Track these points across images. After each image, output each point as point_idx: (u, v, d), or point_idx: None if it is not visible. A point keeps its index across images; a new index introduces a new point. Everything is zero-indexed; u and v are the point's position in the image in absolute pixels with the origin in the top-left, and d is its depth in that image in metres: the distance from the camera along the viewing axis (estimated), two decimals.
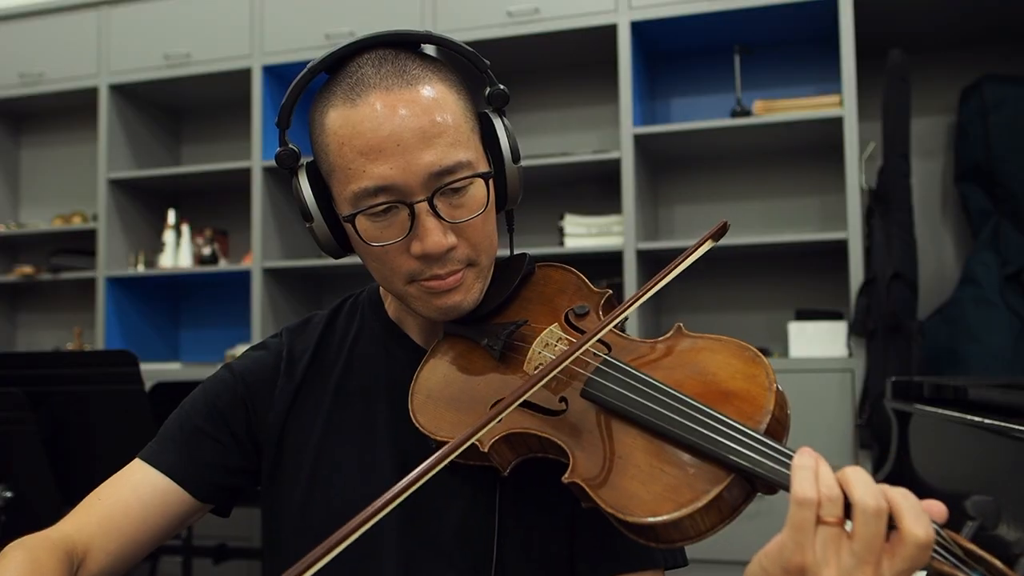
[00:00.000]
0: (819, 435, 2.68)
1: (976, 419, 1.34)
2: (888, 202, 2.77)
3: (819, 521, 0.63)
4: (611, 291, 0.95)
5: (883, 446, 2.50)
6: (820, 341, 2.87)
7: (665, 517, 0.70)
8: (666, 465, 0.74)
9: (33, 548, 0.85)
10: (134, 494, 0.94)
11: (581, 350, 0.81)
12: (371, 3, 3.35)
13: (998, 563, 0.62)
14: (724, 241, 3.29)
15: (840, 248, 2.87)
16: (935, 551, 0.63)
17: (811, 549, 0.63)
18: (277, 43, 3.46)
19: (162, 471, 0.96)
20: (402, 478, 0.87)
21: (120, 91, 3.73)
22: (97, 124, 3.71)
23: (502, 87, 0.95)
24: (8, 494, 1.89)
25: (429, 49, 0.94)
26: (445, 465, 0.73)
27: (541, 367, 0.84)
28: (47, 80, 3.79)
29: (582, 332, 0.90)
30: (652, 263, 3.15)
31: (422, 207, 0.86)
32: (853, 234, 2.79)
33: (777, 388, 0.75)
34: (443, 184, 0.86)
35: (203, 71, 3.57)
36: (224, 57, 3.54)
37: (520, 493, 0.91)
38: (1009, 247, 2.87)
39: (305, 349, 1.03)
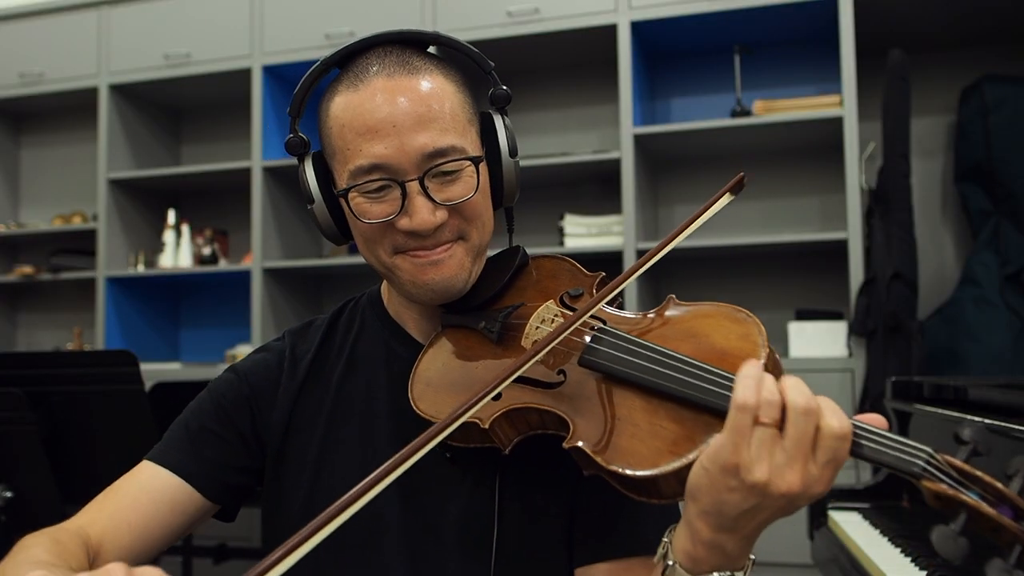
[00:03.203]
0: None
1: (976, 419, 1.34)
2: (888, 202, 2.77)
3: (756, 422, 0.68)
4: (604, 273, 0.97)
5: None
6: (820, 341, 2.87)
7: (665, 468, 0.72)
8: (664, 421, 0.76)
9: (54, 533, 0.86)
10: (143, 491, 0.95)
11: (581, 320, 0.83)
12: (371, 3, 3.35)
13: (992, 480, 0.65)
14: (724, 241, 3.25)
15: (840, 248, 2.87)
16: (932, 473, 0.66)
17: (746, 449, 0.68)
18: (277, 43, 3.46)
19: (170, 469, 0.96)
20: (403, 477, 0.88)
21: (120, 91, 3.73)
22: (97, 124, 3.71)
23: (505, 88, 0.98)
24: (8, 494, 1.89)
25: (435, 50, 0.97)
26: (442, 439, 0.74)
27: (538, 342, 0.85)
28: (47, 80, 3.80)
29: (576, 310, 0.91)
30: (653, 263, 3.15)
31: (413, 186, 0.89)
32: (853, 234, 2.79)
33: (770, 347, 0.78)
34: (434, 165, 0.89)
35: (203, 71, 3.57)
36: (224, 57, 3.54)
37: (521, 479, 0.93)
38: (1009, 247, 2.87)
39: (307, 349, 1.04)
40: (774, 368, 0.77)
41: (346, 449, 0.98)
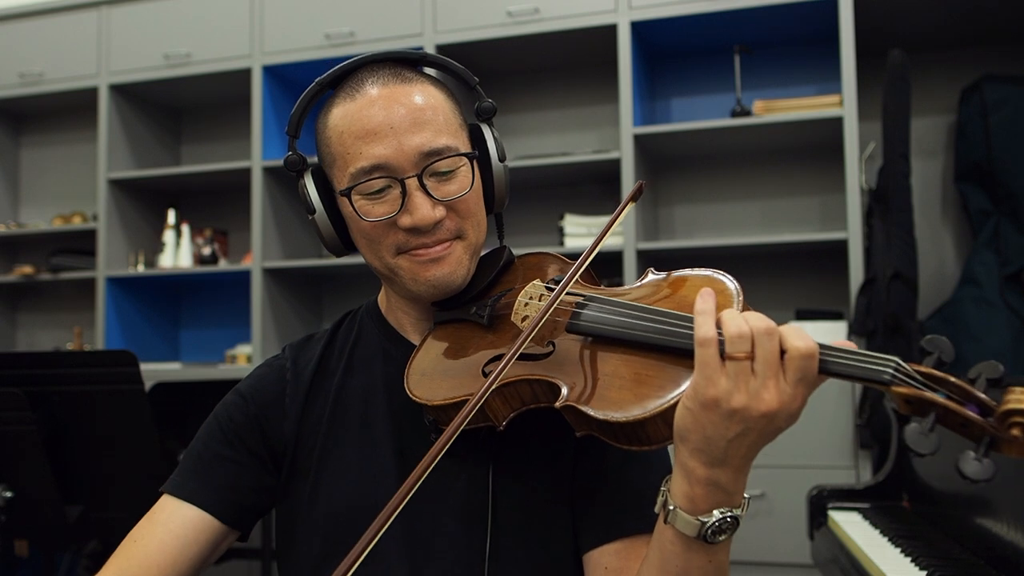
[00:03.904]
0: (819, 435, 2.68)
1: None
2: (888, 202, 2.77)
3: (730, 358, 0.72)
4: None
5: (883, 446, 2.50)
6: (820, 341, 2.87)
7: (651, 410, 0.77)
8: (648, 370, 0.81)
9: None
10: (166, 529, 0.97)
11: (571, 283, 0.89)
12: (371, 3, 3.35)
13: (958, 381, 0.70)
14: (724, 241, 3.25)
15: (840, 248, 2.87)
16: (902, 379, 0.70)
17: (720, 382, 0.72)
18: (277, 43, 3.46)
19: (189, 502, 0.98)
20: (401, 469, 0.90)
21: (120, 91, 3.73)
22: (97, 124, 3.71)
23: (490, 101, 1.04)
24: (8, 494, 1.89)
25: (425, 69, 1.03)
26: (461, 429, 0.78)
27: (528, 319, 0.91)
28: (47, 80, 3.79)
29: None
30: (652, 263, 3.15)
31: (412, 183, 0.93)
32: (853, 234, 2.79)
33: (745, 303, 0.82)
34: (431, 162, 0.94)
35: (203, 71, 3.57)
36: (224, 57, 3.54)
37: (517, 466, 0.95)
38: (1009, 247, 2.88)
39: (310, 360, 1.07)
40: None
41: (345, 450, 1.01)
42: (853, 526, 1.73)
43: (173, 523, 0.97)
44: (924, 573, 1.36)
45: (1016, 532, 1.28)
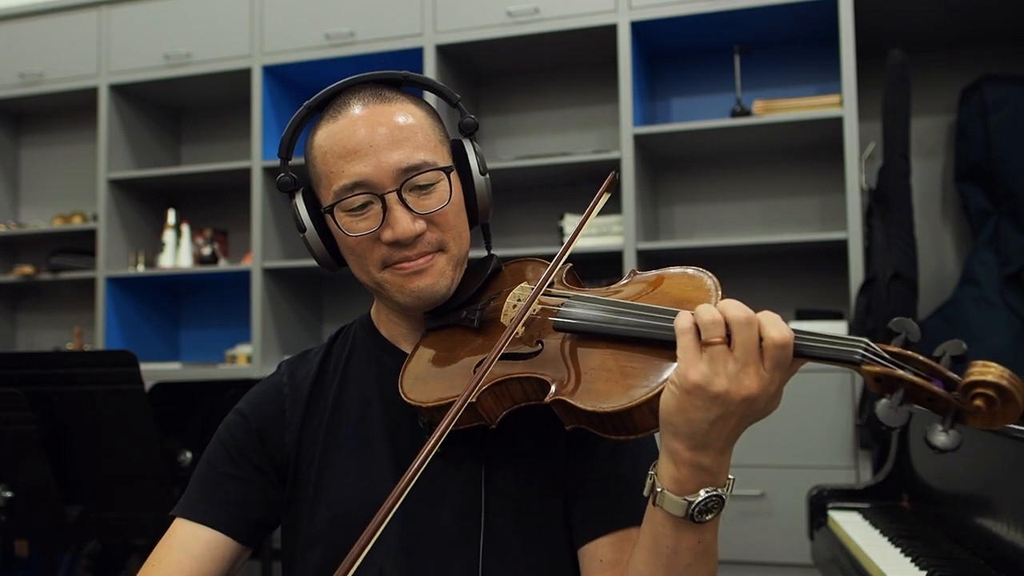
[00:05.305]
0: (819, 435, 2.68)
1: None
2: (888, 202, 2.77)
3: (707, 344, 0.76)
4: (571, 263, 1.04)
5: (883, 446, 2.50)
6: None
7: (637, 399, 0.80)
8: (633, 361, 0.84)
9: None
10: (185, 553, 0.99)
11: (546, 284, 0.93)
12: (371, 3, 3.35)
13: (924, 359, 0.73)
14: (724, 241, 3.24)
15: (840, 248, 2.87)
16: (871, 359, 0.74)
17: (699, 367, 0.76)
18: (277, 43, 3.46)
19: (202, 523, 1.00)
20: (398, 475, 0.92)
21: (120, 91, 3.73)
22: (97, 124, 3.71)
23: (472, 117, 1.07)
24: (8, 494, 1.89)
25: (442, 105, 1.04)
26: (450, 428, 0.81)
27: (514, 318, 0.93)
28: (47, 80, 3.80)
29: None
30: (652, 263, 3.15)
31: (392, 198, 0.97)
32: (853, 234, 2.79)
33: (721, 296, 0.84)
34: (409, 177, 0.97)
35: (203, 71, 3.57)
36: (224, 57, 3.54)
37: (510, 467, 0.98)
38: (1009, 247, 2.88)
39: (307, 373, 1.10)
40: None
41: (343, 459, 1.03)
42: (853, 526, 1.73)
43: (190, 545, 0.99)
44: (924, 573, 1.36)
45: (1016, 532, 1.28)
